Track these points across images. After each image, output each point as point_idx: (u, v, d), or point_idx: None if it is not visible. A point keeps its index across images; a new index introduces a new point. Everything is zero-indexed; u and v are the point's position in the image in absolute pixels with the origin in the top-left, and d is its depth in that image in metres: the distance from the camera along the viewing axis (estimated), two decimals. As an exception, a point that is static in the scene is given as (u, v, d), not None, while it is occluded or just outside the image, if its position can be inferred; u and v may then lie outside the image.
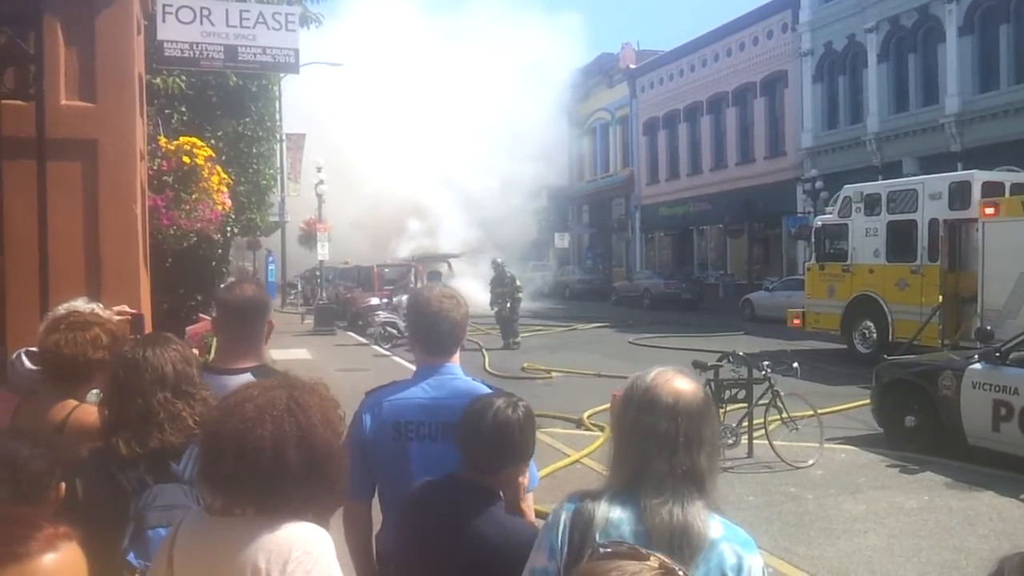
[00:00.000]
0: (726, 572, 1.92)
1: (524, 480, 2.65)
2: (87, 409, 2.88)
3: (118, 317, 3.55)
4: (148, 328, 5.32)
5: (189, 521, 2.00)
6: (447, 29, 45.87)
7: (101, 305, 3.59)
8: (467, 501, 2.46)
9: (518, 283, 21.65)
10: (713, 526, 1.96)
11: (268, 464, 1.82)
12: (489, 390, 2.90)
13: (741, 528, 2.05)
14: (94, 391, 3.09)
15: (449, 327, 2.92)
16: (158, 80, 8.88)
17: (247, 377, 2.85)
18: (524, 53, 41.86)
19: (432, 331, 2.92)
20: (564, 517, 2.02)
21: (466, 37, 44.15)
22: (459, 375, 2.96)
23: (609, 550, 1.42)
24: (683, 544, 1.89)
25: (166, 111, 9.42)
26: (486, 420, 2.49)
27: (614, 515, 1.97)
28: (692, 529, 1.91)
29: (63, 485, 2.19)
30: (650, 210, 43.50)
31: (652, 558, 1.35)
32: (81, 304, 3.46)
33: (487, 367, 16.78)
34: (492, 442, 2.47)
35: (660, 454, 1.97)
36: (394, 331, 20.47)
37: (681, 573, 1.35)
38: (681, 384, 2.05)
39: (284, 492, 1.85)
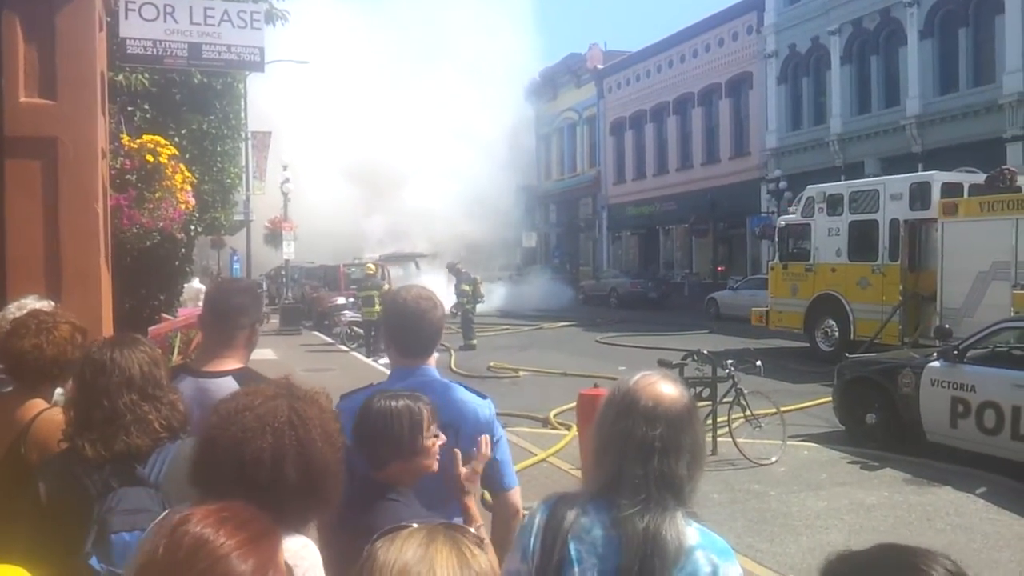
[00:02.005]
0: None
1: (465, 470, 2.61)
2: (55, 411, 2.84)
3: None
4: (110, 329, 5.26)
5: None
6: (414, 26, 45.75)
7: (51, 303, 3.56)
8: (363, 497, 2.41)
9: (480, 285, 21.79)
10: (689, 534, 1.93)
11: (265, 477, 1.79)
12: (467, 391, 2.90)
13: (719, 536, 2.02)
14: (59, 390, 3.06)
15: (427, 329, 2.88)
16: (121, 77, 8.75)
17: (228, 380, 2.81)
18: (491, 53, 41.84)
19: (410, 333, 2.87)
20: (538, 520, 2.00)
21: (433, 35, 44.08)
22: (437, 377, 2.92)
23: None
24: (655, 552, 1.86)
25: (129, 109, 9.28)
26: (369, 411, 2.49)
27: (587, 520, 1.94)
28: (665, 538, 1.88)
29: None
30: (617, 210, 43.73)
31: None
32: (33, 302, 3.42)
33: (453, 366, 16.78)
34: (372, 434, 2.46)
35: (636, 459, 1.94)
36: (359, 331, 20.37)
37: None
38: (663, 388, 2.01)
39: (278, 505, 1.81)
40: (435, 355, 2.97)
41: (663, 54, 39.90)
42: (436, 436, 2.53)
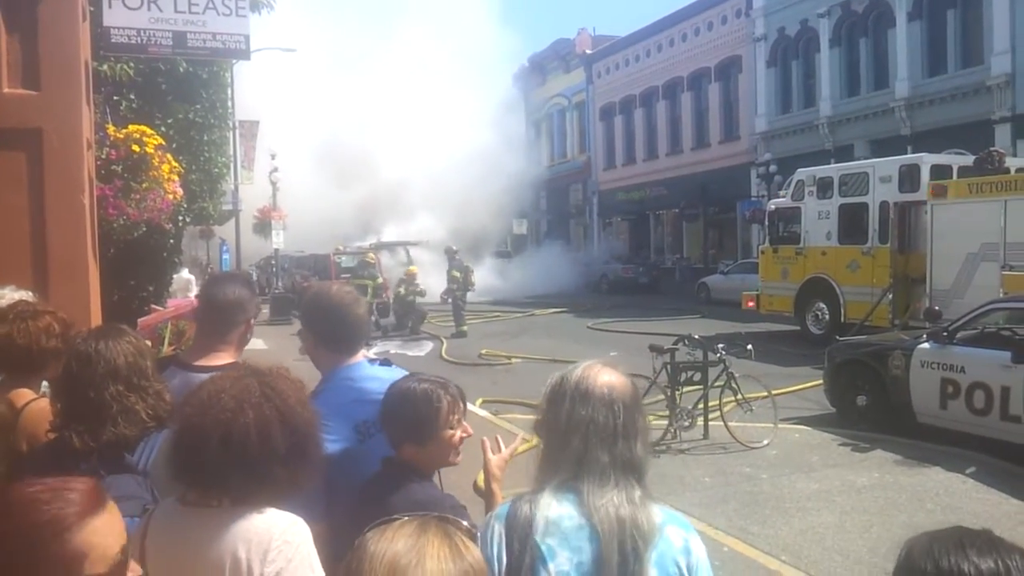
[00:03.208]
0: (676, 555, 1.94)
1: (495, 458, 2.66)
2: (43, 401, 2.84)
3: None
4: (98, 320, 5.24)
5: (161, 513, 1.98)
6: (401, 13, 45.51)
7: (30, 292, 3.54)
8: (383, 476, 2.50)
9: (472, 274, 21.76)
10: (656, 512, 1.97)
11: (255, 449, 1.85)
12: (395, 369, 2.95)
13: (673, 509, 2.08)
14: (45, 382, 3.05)
15: (357, 322, 2.90)
16: (105, 67, 8.69)
17: None
18: (480, 39, 41.69)
19: (341, 327, 2.88)
20: (497, 528, 1.97)
21: (421, 22, 43.86)
22: (373, 368, 2.93)
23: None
24: (636, 535, 1.90)
25: (114, 99, 9.22)
26: (391, 393, 2.56)
27: (552, 513, 1.94)
28: (640, 519, 1.92)
29: None
30: (607, 195, 43.70)
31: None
32: (10, 292, 3.40)
33: (444, 355, 16.79)
34: (391, 413, 2.54)
35: (601, 445, 1.98)
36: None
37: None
38: (611, 376, 2.07)
39: (270, 476, 1.87)
40: (363, 349, 2.98)
41: (652, 38, 39.80)
42: (459, 428, 2.57)
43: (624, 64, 42.07)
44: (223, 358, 2.95)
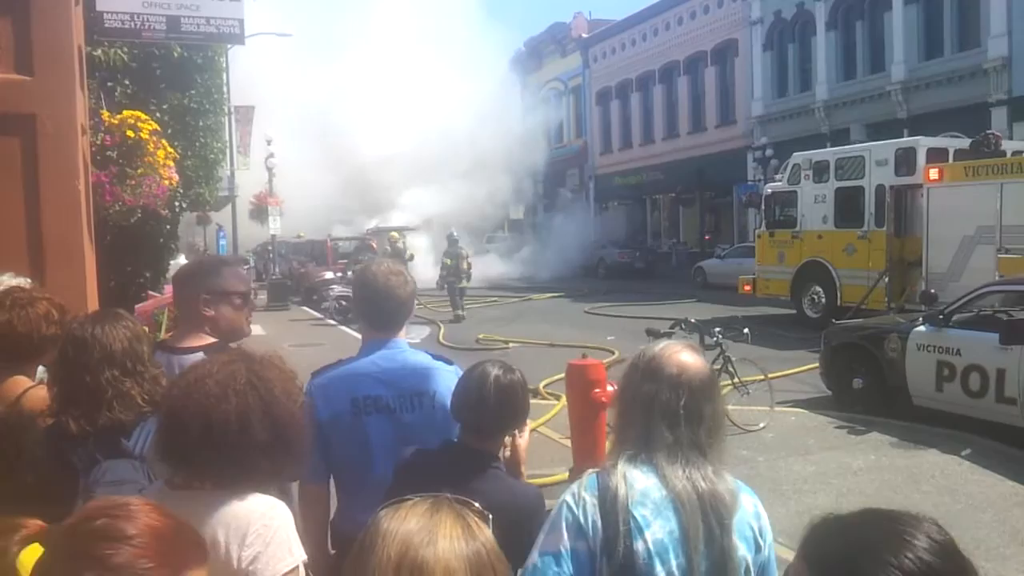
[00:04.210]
0: (750, 520, 2.03)
1: (523, 442, 2.73)
2: (40, 388, 2.84)
3: None
4: (95, 306, 5.23)
5: (150, 495, 1.99)
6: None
7: (28, 280, 3.53)
8: (469, 464, 2.50)
9: (469, 259, 21.79)
10: (731, 483, 2.04)
11: (234, 437, 1.84)
12: (438, 361, 2.98)
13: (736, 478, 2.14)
14: (41, 367, 3.05)
15: (396, 304, 2.93)
16: (99, 52, 8.65)
17: (198, 356, 2.79)
18: (476, 24, 41.46)
19: (379, 307, 2.92)
20: (588, 499, 1.97)
21: (416, 7, 43.54)
22: (406, 348, 2.98)
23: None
24: (719, 507, 1.96)
25: (108, 84, 9.18)
26: (487, 385, 2.55)
27: (640, 485, 1.97)
28: (721, 492, 1.98)
29: None
30: (604, 180, 43.64)
31: None
32: (9, 279, 3.39)
33: (441, 339, 16.80)
34: (496, 406, 2.54)
35: (663, 424, 2.00)
36: (347, 304, 20.38)
37: None
38: (687, 357, 2.07)
39: (250, 464, 1.87)
40: (405, 327, 3.02)
41: (648, 22, 39.65)
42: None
43: (620, 48, 41.93)
44: (202, 339, 2.92)
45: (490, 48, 42.59)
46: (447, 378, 2.89)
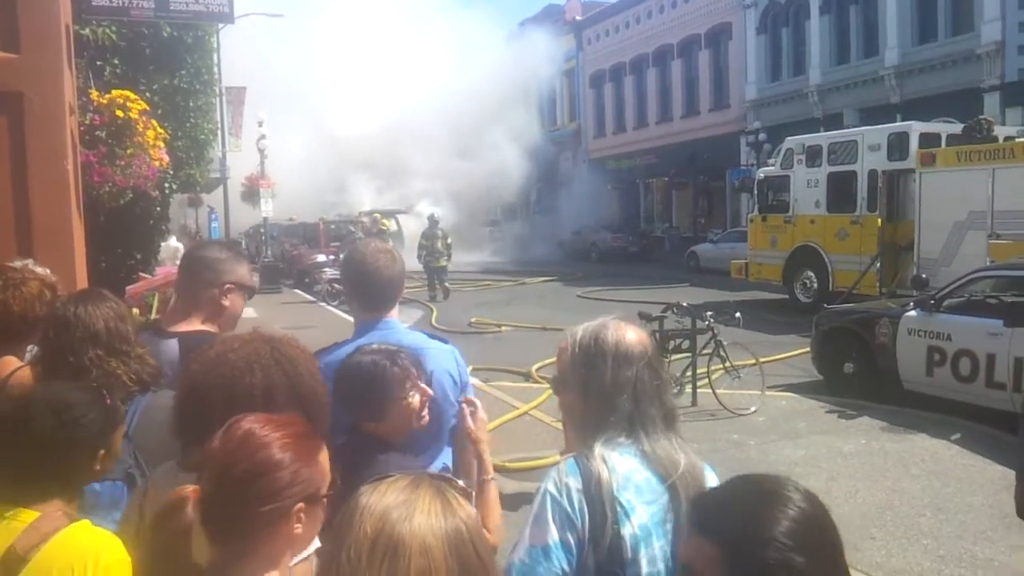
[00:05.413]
0: None
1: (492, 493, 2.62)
2: (28, 369, 2.81)
3: None
4: (84, 286, 5.19)
5: (162, 475, 1.97)
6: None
7: (48, 271, 3.49)
8: (348, 449, 2.34)
9: (448, 239, 22.07)
10: (694, 456, 2.06)
11: (260, 409, 1.79)
12: (430, 338, 2.94)
13: None
14: (30, 347, 3.02)
15: (385, 283, 2.89)
16: (87, 31, 8.55)
17: (173, 343, 2.74)
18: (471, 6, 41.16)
19: (369, 287, 2.89)
20: (572, 484, 1.91)
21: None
22: (400, 328, 2.94)
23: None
24: (698, 482, 1.97)
25: (97, 63, 9.08)
26: (340, 373, 2.47)
27: (622, 468, 1.94)
28: (695, 463, 2.02)
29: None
30: (597, 164, 43.53)
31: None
32: (31, 266, 3.36)
33: (434, 322, 16.78)
34: (339, 394, 2.40)
35: (650, 401, 2.02)
36: (339, 287, 20.36)
37: None
38: (638, 334, 2.10)
39: None
40: (397, 307, 2.98)
41: (642, 4, 39.47)
42: (418, 391, 2.49)
43: (614, 31, 41.75)
44: (194, 324, 2.83)
45: (485, 28, 42.38)
46: (444, 357, 2.86)
